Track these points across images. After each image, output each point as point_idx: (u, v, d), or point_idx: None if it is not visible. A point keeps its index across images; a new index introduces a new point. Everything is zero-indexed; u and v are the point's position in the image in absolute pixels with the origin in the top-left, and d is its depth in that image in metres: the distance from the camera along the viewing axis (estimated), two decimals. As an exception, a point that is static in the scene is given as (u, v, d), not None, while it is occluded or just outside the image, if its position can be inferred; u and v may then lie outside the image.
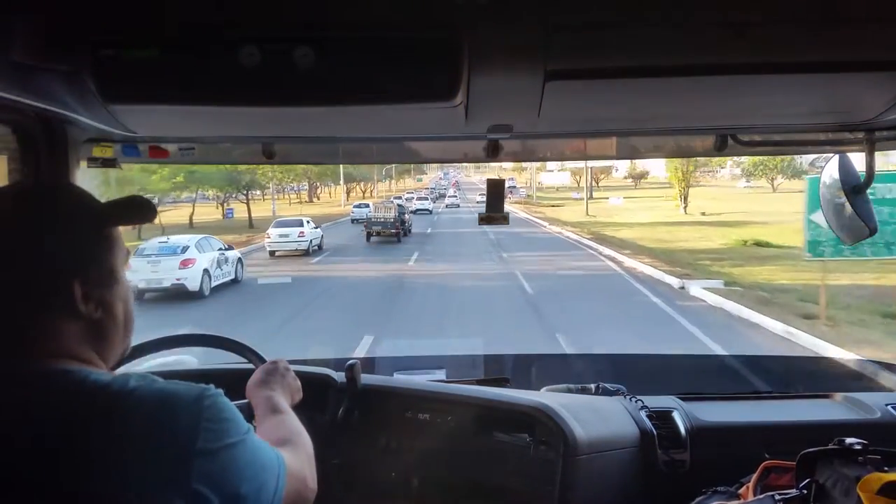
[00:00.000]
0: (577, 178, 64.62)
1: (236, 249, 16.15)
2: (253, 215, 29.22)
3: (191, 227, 24.73)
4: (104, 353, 0.87)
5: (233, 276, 15.20)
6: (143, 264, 13.34)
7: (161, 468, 0.75)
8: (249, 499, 0.82)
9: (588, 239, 23.40)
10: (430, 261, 18.44)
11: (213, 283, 14.18)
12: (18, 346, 0.80)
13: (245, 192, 30.72)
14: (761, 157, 28.64)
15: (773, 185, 45.59)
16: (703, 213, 30.91)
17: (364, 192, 57.10)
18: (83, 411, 0.75)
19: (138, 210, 0.91)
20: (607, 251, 19.54)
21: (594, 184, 62.63)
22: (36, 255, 0.81)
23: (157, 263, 13.51)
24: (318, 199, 53.32)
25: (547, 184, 60.59)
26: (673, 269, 15.30)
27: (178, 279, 13.42)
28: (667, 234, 23.93)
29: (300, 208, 39.56)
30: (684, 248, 19.93)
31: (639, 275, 15.30)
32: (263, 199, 46.09)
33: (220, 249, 15.11)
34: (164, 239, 15.40)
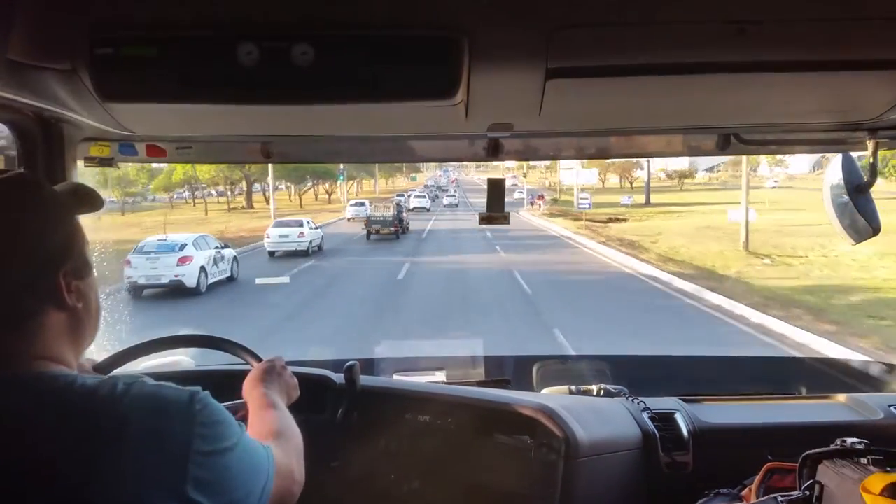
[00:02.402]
0: (603, 176, 54.12)
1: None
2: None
3: None
4: (79, 347, 0.87)
5: (228, 274, 15.50)
6: (143, 261, 13.78)
7: (155, 474, 0.74)
8: (240, 502, 0.81)
9: None
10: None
11: (210, 281, 14.52)
12: (7, 345, 0.78)
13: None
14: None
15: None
16: None
17: (330, 196, 44.68)
18: (73, 419, 0.74)
19: (89, 199, 0.90)
20: None
21: (629, 185, 53.36)
22: (26, 245, 0.80)
23: (156, 260, 13.90)
24: (268, 203, 36.47)
25: (567, 184, 48.67)
26: None
27: (176, 275, 13.79)
28: None
29: (185, 227, 22.95)
30: None
31: None
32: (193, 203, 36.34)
33: (217, 248, 15.46)
34: (162, 237, 15.78)
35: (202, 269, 14.23)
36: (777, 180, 50.56)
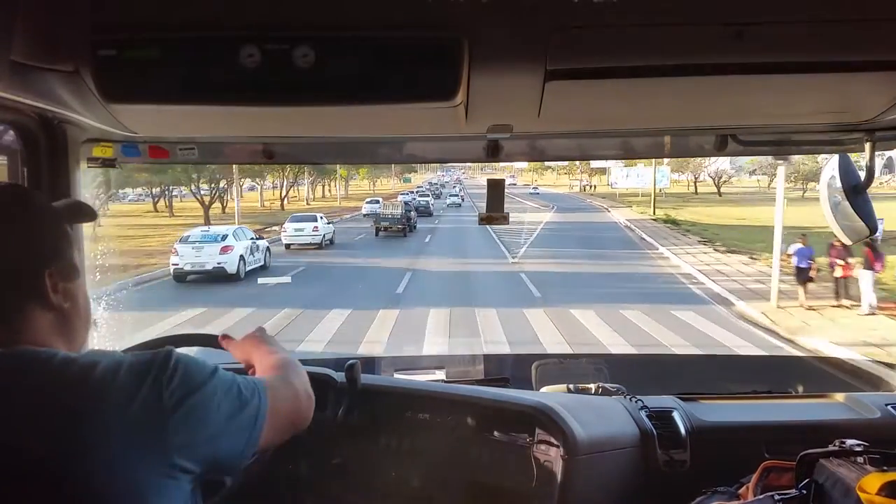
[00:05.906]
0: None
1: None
2: None
3: None
4: (71, 344, 0.93)
5: (262, 263, 16.94)
6: (188, 250, 15.43)
7: (136, 431, 0.79)
8: (223, 434, 0.87)
9: None
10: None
11: (248, 268, 15.93)
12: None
13: None
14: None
15: None
16: None
17: (224, 205, 30.60)
18: (53, 389, 0.80)
19: (81, 211, 1.00)
20: None
21: (716, 190, 40.01)
22: (12, 248, 0.87)
23: (201, 249, 15.47)
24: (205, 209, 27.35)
25: (619, 188, 37.52)
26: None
27: (218, 263, 15.34)
28: None
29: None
30: None
31: None
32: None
33: (253, 238, 16.92)
34: (205, 228, 17.59)
35: (241, 257, 15.67)
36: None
